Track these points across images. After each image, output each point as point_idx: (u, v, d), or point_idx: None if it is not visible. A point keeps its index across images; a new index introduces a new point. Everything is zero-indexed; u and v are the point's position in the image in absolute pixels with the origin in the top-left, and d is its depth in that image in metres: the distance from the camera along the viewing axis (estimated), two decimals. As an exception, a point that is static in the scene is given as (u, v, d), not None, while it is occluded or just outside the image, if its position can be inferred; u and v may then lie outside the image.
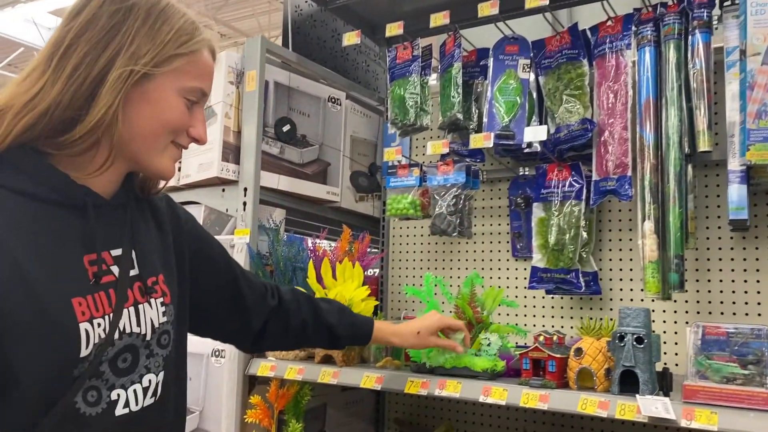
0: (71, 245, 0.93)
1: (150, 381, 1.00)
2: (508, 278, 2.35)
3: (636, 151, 1.89)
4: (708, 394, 1.34)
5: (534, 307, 2.29)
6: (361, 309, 1.96)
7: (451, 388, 1.64)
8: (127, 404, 0.95)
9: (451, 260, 2.48)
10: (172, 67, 0.97)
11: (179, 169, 2.22)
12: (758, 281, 1.89)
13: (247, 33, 10.11)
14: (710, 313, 1.96)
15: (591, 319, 1.88)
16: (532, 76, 2.17)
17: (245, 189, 2.10)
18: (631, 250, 2.14)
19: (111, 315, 0.93)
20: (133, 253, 1.01)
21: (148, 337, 1.00)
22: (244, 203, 2.09)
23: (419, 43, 2.24)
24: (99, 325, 0.92)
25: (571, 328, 2.19)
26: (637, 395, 1.41)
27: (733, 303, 1.93)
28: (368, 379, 1.77)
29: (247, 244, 2.05)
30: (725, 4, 1.84)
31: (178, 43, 0.97)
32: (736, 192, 1.73)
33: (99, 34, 0.93)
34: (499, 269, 2.37)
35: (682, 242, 1.79)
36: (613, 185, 1.93)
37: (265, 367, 1.96)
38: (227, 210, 2.14)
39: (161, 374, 1.02)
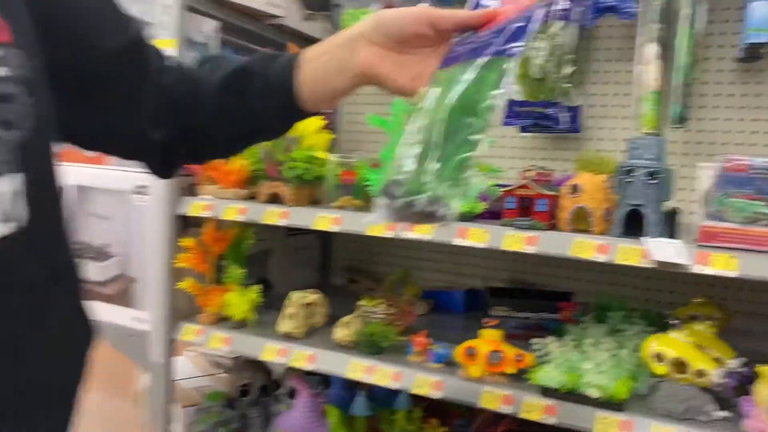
0: None
1: None
2: (476, 114, 2.08)
3: (644, -40, 1.58)
4: (729, 236, 1.16)
5: (503, 147, 2.06)
6: (315, 142, 1.66)
7: (422, 230, 1.41)
8: None
9: (412, 93, 2.18)
10: None
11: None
12: None
13: None
14: (697, 154, 1.78)
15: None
16: None
17: (167, -11, 1.67)
18: (617, 83, 1.89)
19: None
20: None
21: None
22: (166, 5, 1.67)
23: None
24: None
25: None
26: (643, 238, 1.22)
27: (723, 144, 1.75)
28: (323, 219, 1.52)
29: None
30: None
31: None
32: (759, 10, 1.47)
33: None
34: (466, 104, 2.09)
35: (691, 69, 1.55)
36: (612, 1, 1.64)
37: (199, 206, 1.67)
38: (142, 15, 1.72)
39: (14, 178, 0.60)
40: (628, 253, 1.22)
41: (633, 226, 1.26)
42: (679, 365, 1.25)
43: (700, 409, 1.22)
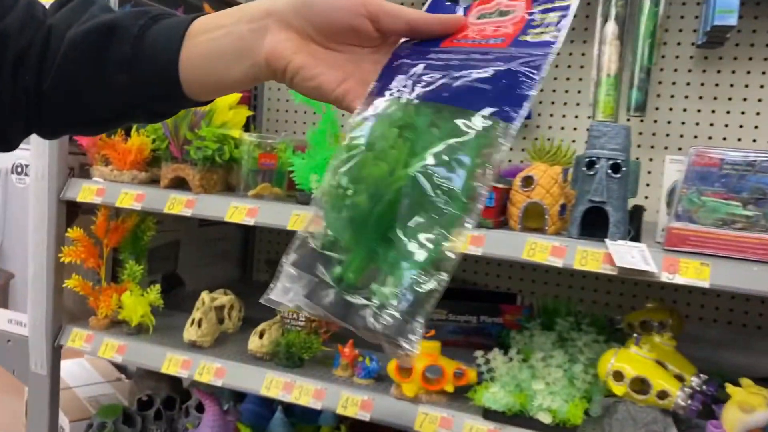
0: None
1: None
2: (416, 95, 1.89)
3: (608, -73, 1.42)
4: (700, 240, 1.02)
5: (444, 132, 1.88)
6: (228, 119, 1.43)
7: (352, 225, 1.21)
8: None
9: (346, 69, 1.97)
10: None
11: None
12: (728, 111, 1.58)
13: None
14: (652, 146, 1.65)
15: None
16: None
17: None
18: (569, 67, 1.74)
19: None
20: None
21: None
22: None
23: None
24: None
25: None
26: (606, 240, 1.06)
27: (681, 136, 1.63)
28: (236, 210, 1.30)
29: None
30: None
31: None
32: (728, -10, 1.34)
33: None
34: (406, 84, 1.90)
35: (652, 52, 1.41)
36: (570, -26, 1.47)
37: (90, 190, 1.41)
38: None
39: None
40: (588, 257, 1.06)
41: (590, 225, 1.10)
42: (639, 383, 1.11)
43: (661, 434, 1.08)
